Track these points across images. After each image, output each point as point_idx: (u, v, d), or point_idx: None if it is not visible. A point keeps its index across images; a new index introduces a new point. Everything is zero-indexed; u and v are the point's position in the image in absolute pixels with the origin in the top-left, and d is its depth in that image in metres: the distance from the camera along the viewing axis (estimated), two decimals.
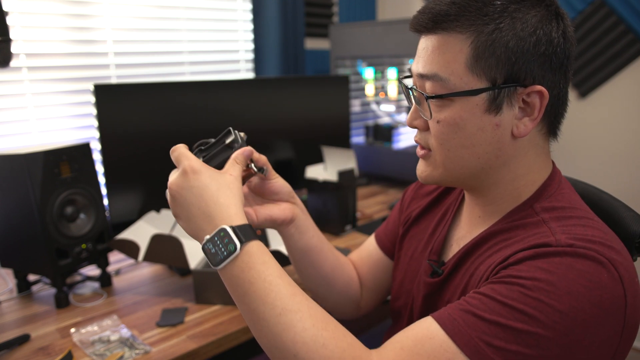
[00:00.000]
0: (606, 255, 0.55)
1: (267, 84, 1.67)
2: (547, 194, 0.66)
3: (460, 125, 0.63)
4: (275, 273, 0.60)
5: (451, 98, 0.62)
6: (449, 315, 0.57)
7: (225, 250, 0.60)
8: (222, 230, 0.61)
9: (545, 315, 0.52)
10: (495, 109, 0.62)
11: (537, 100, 0.62)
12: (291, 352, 0.57)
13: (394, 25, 1.89)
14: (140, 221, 1.26)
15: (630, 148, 1.88)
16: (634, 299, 0.57)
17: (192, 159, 0.66)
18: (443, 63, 0.62)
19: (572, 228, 0.59)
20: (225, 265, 0.61)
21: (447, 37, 0.62)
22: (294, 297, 0.59)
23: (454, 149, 0.65)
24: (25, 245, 1.09)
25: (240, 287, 0.60)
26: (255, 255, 0.61)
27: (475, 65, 0.61)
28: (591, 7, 1.86)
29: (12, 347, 0.94)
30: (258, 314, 0.59)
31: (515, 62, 0.60)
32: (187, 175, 0.65)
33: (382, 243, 0.95)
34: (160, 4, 1.76)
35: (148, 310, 1.08)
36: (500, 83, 0.61)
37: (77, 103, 1.59)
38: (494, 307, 0.55)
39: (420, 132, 0.69)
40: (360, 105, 2.23)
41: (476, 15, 0.60)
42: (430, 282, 0.74)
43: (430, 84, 0.64)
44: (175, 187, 0.66)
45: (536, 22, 0.60)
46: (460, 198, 0.81)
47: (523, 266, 0.56)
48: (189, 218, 0.65)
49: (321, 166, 1.63)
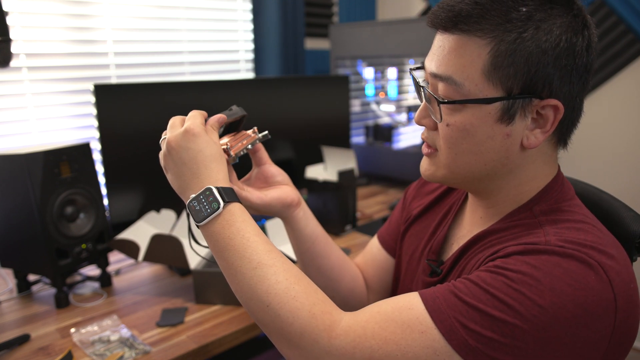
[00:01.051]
0: (596, 259, 0.55)
1: (267, 84, 1.67)
2: (548, 197, 0.66)
3: (471, 131, 0.62)
4: (254, 231, 0.64)
5: (463, 103, 0.61)
6: (432, 293, 0.58)
7: (209, 207, 0.64)
8: (207, 190, 0.65)
9: (524, 308, 0.52)
10: (508, 119, 0.60)
11: (552, 114, 0.60)
12: (264, 303, 0.60)
13: (394, 25, 1.89)
14: (140, 221, 1.26)
15: (630, 148, 1.88)
16: (627, 303, 0.56)
17: (196, 123, 0.70)
18: (459, 66, 0.60)
19: (567, 232, 0.59)
20: (208, 222, 0.64)
21: (466, 40, 0.59)
22: (270, 253, 0.62)
23: (461, 154, 0.64)
24: (25, 245, 1.09)
25: (220, 242, 0.64)
26: (236, 215, 0.64)
27: (493, 73, 0.59)
28: (591, 7, 1.86)
29: (12, 347, 0.94)
30: (235, 268, 0.62)
31: (534, 73, 0.58)
32: (187, 135, 0.68)
33: (385, 243, 0.95)
34: (160, 4, 1.76)
35: (148, 310, 1.08)
36: (516, 93, 0.59)
37: (77, 103, 1.59)
38: (476, 292, 0.55)
39: (428, 130, 0.68)
40: (360, 105, 2.23)
41: (499, 20, 0.57)
42: (428, 281, 0.74)
43: (443, 85, 0.62)
44: (173, 143, 0.68)
45: (561, 34, 0.57)
46: (463, 197, 0.80)
47: (511, 259, 0.57)
48: (178, 175, 0.69)
49: (321, 166, 1.63)
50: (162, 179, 0.70)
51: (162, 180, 0.73)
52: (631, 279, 0.58)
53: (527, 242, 0.58)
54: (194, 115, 0.72)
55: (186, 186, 0.68)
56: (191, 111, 0.73)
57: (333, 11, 2.39)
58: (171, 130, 0.70)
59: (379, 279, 0.94)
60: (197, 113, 0.73)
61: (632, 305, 0.57)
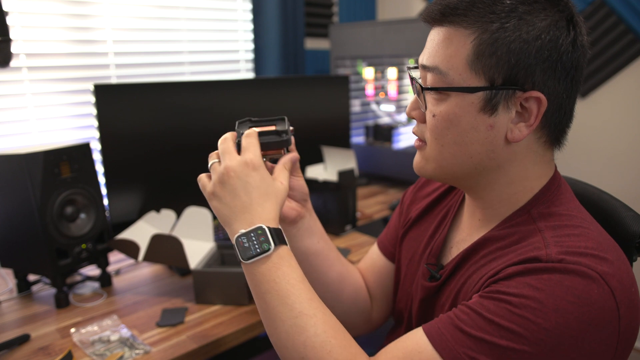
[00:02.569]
0: (597, 270, 0.55)
1: (267, 84, 1.67)
2: (545, 200, 0.65)
3: (454, 121, 0.62)
4: (299, 277, 0.64)
5: (448, 93, 0.62)
6: (437, 330, 0.58)
7: (259, 247, 0.63)
8: (259, 229, 0.64)
9: (530, 333, 0.53)
10: (491, 110, 0.61)
11: (535, 107, 0.60)
12: (300, 354, 0.60)
13: (394, 25, 1.89)
14: (140, 221, 1.26)
15: (630, 148, 1.88)
16: (629, 309, 0.56)
17: (257, 153, 0.68)
18: (445, 57, 0.62)
19: (566, 239, 0.59)
20: (254, 262, 0.63)
21: (454, 31, 0.61)
22: (311, 302, 0.62)
23: (447, 145, 0.64)
24: (25, 245, 1.09)
25: (263, 284, 0.63)
26: (284, 258, 0.64)
27: (476, 62, 0.60)
28: (591, 7, 1.86)
29: (12, 347, 0.94)
30: (276, 313, 0.62)
31: (515, 64, 0.58)
32: (247, 168, 0.67)
33: (384, 248, 0.94)
34: (160, 4, 1.76)
35: (148, 310, 1.08)
36: (498, 84, 0.60)
37: (77, 103, 1.59)
38: (481, 324, 0.56)
39: (418, 124, 0.70)
40: (360, 105, 2.23)
41: (484, 11, 0.59)
42: (427, 286, 0.74)
43: (431, 76, 0.64)
44: (232, 172, 0.66)
45: (544, 27, 0.58)
46: (461, 200, 0.80)
47: (512, 282, 0.57)
48: (228, 206, 0.67)
49: (321, 166, 1.63)
50: (162, 179, 0.69)
51: (162, 180, 0.73)
52: (632, 283, 0.58)
53: (528, 257, 0.58)
54: (253, 144, 0.69)
55: (235, 219, 0.66)
56: (249, 134, 0.69)
57: (333, 11, 2.39)
58: (227, 157, 0.67)
59: (379, 285, 0.93)
60: (255, 141, 0.69)
61: (634, 309, 0.57)
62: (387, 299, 0.93)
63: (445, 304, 0.70)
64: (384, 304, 0.94)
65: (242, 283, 1.07)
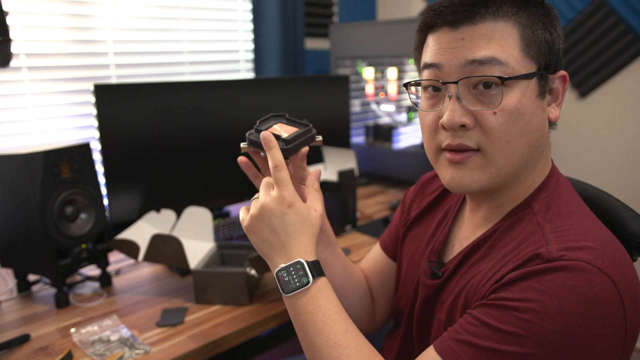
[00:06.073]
0: (598, 264, 0.55)
1: (267, 84, 1.67)
2: (545, 194, 0.66)
3: (521, 111, 0.61)
4: (335, 309, 0.66)
5: (510, 84, 0.61)
6: (449, 347, 0.60)
7: (299, 281, 0.66)
8: (298, 263, 0.67)
9: (538, 337, 0.54)
10: (543, 93, 0.64)
11: (561, 86, 0.65)
12: None
13: (394, 25, 1.89)
14: (140, 221, 1.26)
15: (630, 148, 1.88)
16: (633, 300, 0.57)
17: (291, 189, 0.69)
18: (498, 48, 0.60)
19: (566, 234, 0.59)
20: (294, 295, 0.66)
21: (493, 24, 0.61)
22: (346, 333, 0.65)
23: (513, 140, 0.62)
24: (25, 245, 1.09)
25: (302, 316, 0.66)
26: (322, 290, 0.67)
27: (527, 49, 0.62)
28: (591, 7, 1.86)
29: (12, 347, 0.94)
30: (313, 343, 0.65)
31: (552, 47, 0.64)
32: (282, 205, 0.68)
33: (386, 248, 0.94)
34: (160, 4, 1.76)
35: (148, 310, 1.08)
36: (542, 68, 0.63)
37: (77, 103, 1.59)
38: (489, 334, 0.56)
39: (457, 132, 0.63)
40: (360, 105, 2.23)
41: (513, 2, 0.62)
42: (429, 284, 0.74)
43: (485, 69, 0.60)
44: (267, 209, 0.68)
45: (553, 17, 0.65)
46: (462, 198, 0.80)
47: (516, 287, 0.57)
48: (267, 241, 0.69)
49: (321, 166, 1.63)
50: (162, 179, 0.69)
51: (162, 180, 0.73)
52: (633, 274, 0.59)
53: (529, 258, 0.58)
54: (285, 178, 0.69)
55: (274, 254, 0.69)
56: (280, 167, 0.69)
57: (333, 11, 2.39)
58: (264, 193, 0.69)
59: (382, 284, 0.93)
60: (287, 175, 0.69)
61: (638, 300, 0.58)
62: (389, 298, 0.94)
63: (445, 302, 0.70)
64: (387, 303, 0.94)
65: (242, 283, 1.07)
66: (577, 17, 1.90)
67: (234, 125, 1.52)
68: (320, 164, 1.64)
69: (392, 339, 0.90)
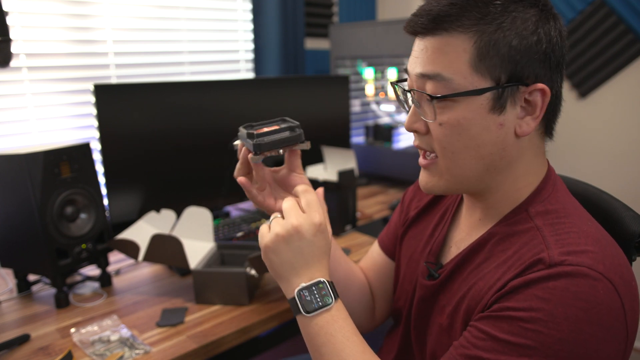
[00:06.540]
0: (599, 269, 0.55)
1: (267, 84, 1.67)
2: (542, 197, 0.66)
3: (465, 126, 0.62)
4: (352, 330, 0.66)
5: (454, 99, 0.62)
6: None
7: (321, 301, 0.66)
8: (320, 282, 0.67)
9: (545, 346, 0.54)
10: (500, 109, 0.61)
11: (539, 99, 0.62)
12: None
13: (394, 25, 1.89)
14: (140, 221, 1.26)
15: (630, 148, 1.88)
16: (631, 303, 0.57)
17: (322, 212, 0.70)
18: (446, 63, 0.62)
19: (566, 237, 0.59)
20: (315, 315, 0.65)
21: (449, 38, 0.61)
22: (364, 355, 0.64)
23: (458, 152, 0.64)
24: (25, 245, 1.09)
25: (320, 337, 0.65)
26: (341, 311, 0.67)
27: (480, 64, 0.60)
28: (591, 7, 1.86)
29: (12, 347, 0.94)
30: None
31: (518, 60, 0.60)
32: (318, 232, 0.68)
33: (385, 247, 0.94)
34: (160, 4, 1.76)
35: (148, 310, 1.08)
36: (504, 82, 0.61)
37: (77, 103, 1.59)
38: (497, 347, 0.56)
39: (420, 136, 0.69)
40: (360, 105, 2.23)
41: (478, 15, 0.60)
42: (426, 284, 0.74)
43: (432, 84, 0.63)
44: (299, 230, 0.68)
45: (536, 21, 0.61)
46: (459, 199, 0.80)
47: (520, 296, 0.57)
48: (289, 262, 0.68)
49: (321, 166, 1.63)
50: (162, 179, 0.69)
51: (162, 180, 0.73)
52: (631, 277, 0.59)
53: (531, 264, 0.58)
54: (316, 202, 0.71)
55: (294, 275, 0.68)
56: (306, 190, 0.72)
57: (333, 11, 2.39)
58: (293, 215, 0.68)
59: (381, 283, 0.94)
60: (316, 198, 0.71)
61: (635, 302, 0.58)
62: (389, 297, 0.94)
63: (445, 306, 0.70)
64: (386, 302, 0.94)
65: (242, 283, 1.07)
66: (577, 17, 1.90)
67: (234, 126, 1.51)
68: (320, 164, 1.64)
69: (391, 339, 0.90)
